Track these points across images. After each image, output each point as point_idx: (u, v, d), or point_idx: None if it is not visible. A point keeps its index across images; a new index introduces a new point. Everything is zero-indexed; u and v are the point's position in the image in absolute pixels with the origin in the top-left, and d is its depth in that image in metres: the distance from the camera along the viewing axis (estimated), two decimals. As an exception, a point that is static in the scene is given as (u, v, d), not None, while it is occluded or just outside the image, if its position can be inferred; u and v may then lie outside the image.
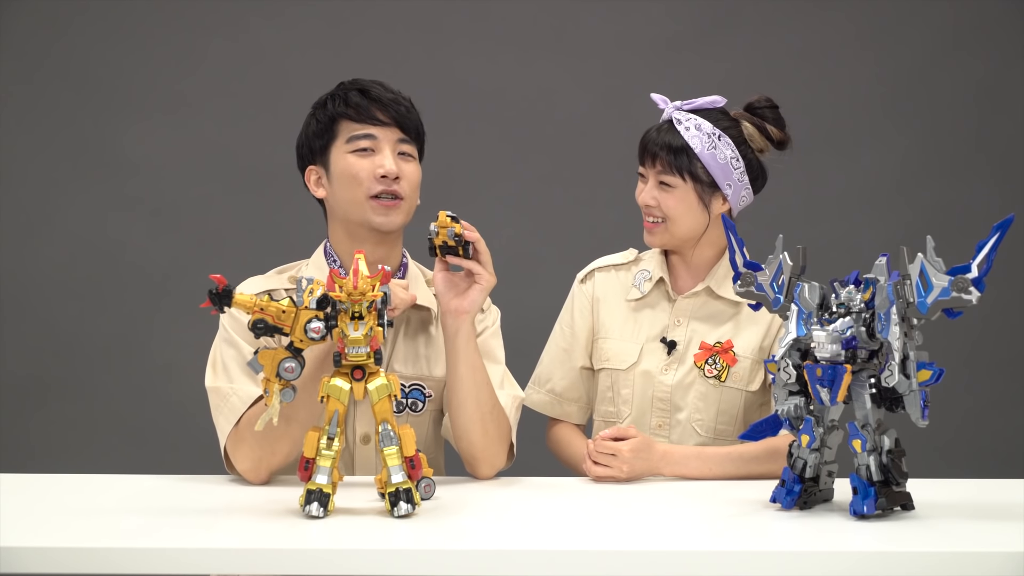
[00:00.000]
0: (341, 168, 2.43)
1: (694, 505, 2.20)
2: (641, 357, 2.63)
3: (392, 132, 2.44)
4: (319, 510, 1.99)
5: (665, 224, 2.60)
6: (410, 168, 2.46)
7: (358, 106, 2.43)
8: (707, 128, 2.57)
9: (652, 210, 2.60)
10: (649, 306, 2.67)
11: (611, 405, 2.65)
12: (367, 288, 1.99)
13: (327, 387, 2.02)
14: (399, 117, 2.44)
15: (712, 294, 2.63)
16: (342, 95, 2.46)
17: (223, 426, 2.32)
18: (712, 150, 2.57)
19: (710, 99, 2.61)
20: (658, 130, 2.60)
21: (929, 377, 1.98)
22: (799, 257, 2.14)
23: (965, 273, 1.96)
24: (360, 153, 2.43)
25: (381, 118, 2.43)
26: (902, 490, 2.05)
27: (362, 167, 2.42)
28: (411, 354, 2.49)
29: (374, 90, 2.45)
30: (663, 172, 2.58)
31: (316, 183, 2.48)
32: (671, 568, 1.82)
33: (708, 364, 2.59)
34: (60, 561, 1.81)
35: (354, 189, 2.42)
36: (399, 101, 2.46)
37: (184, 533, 1.94)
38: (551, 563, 1.82)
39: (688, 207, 2.58)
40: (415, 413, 2.49)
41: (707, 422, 2.59)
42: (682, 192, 2.58)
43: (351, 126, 2.44)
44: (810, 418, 2.09)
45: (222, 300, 1.97)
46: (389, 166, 2.41)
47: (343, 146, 2.44)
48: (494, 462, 2.41)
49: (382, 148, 2.43)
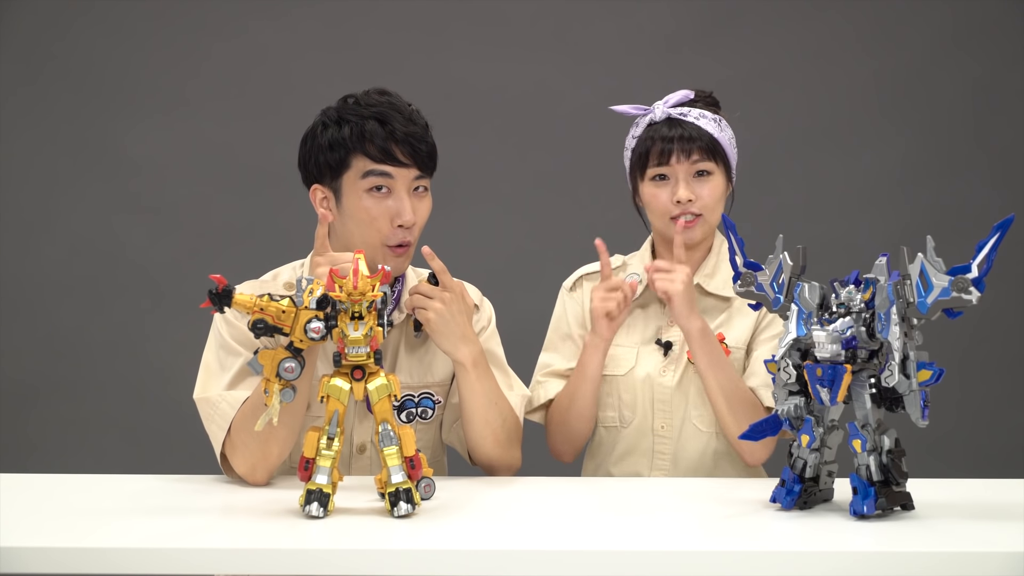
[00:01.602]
0: (355, 207, 2.39)
1: (693, 505, 2.20)
2: (638, 361, 2.63)
3: (409, 172, 2.39)
4: (319, 510, 1.99)
5: (704, 216, 2.60)
6: (423, 205, 2.43)
7: (373, 141, 2.36)
8: (711, 115, 2.59)
9: (690, 206, 2.58)
10: (641, 309, 2.67)
11: (612, 410, 2.64)
12: (367, 288, 1.99)
13: (327, 387, 2.02)
14: (416, 154, 2.38)
15: (702, 291, 2.63)
16: (358, 124, 2.37)
17: (216, 434, 2.32)
18: (722, 133, 2.60)
19: (681, 93, 2.61)
20: (669, 127, 2.59)
21: (929, 377, 1.98)
22: (799, 257, 2.14)
23: (965, 273, 1.96)
24: (376, 193, 2.38)
25: (400, 158, 2.38)
26: (902, 490, 2.05)
27: (380, 212, 2.38)
28: (415, 365, 2.50)
29: (390, 121, 2.37)
30: (700, 161, 2.57)
31: (322, 203, 2.43)
32: (671, 568, 1.82)
33: None
34: (60, 561, 1.81)
35: (370, 234, 2.39)
36: (415, 134, 2.38)
37: (184, 533, 1.94)
38: (551, 563, 1.82)
39: (720, 194, 2.61)
40: (425, 421, 2.50)
41: (707, 417, 2.59)
42: (716, 179, 2.59)
43: (367, 162, 2.38)
44: (810, 418, 2.09)
45: (222, 300, 1.97)
46: (407, 217, 2.38)
47: (357, 181, 2.38)
48: (511, 464, 2.46)
49: (398, 189, 2.39)
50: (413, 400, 2.48)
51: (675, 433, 2.60)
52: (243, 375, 2.34)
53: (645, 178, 2.61)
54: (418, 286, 2.39)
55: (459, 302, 2.37)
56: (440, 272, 2.36)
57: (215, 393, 2.33)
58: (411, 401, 2.48)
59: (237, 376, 2.34)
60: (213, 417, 2.32)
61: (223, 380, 2.34)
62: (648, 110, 2.61)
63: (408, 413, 2.48)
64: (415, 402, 2.48)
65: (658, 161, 2.58)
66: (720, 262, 2.64)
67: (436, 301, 2.35)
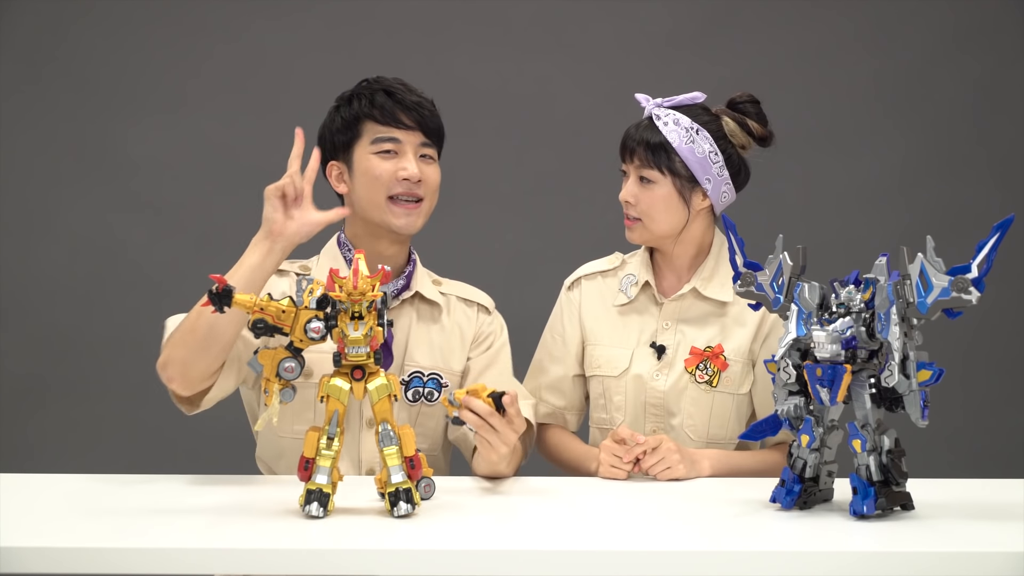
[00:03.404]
0: (364, 168, 2.48)
1: (694, 505, 2.20)
2: (632, 363, 2.62)
3: (415, 136, 2.50)
4: (319, 510, 1.99)
5: (643, 221, 2.59)
6: (431, 170, 2.52)
7: (383, 108, 2.48)
8: (685, 122, 2.56)
9: (630, 207, 2.60)
10: (636, 311, 2.66)
11: (604, 412, 2.64)
12: (367, 288, 1.99)
13: (327, 387, 2.02)
14: (422, 120, 2.50)
15: (698, 295, 2.62)
16: (368, 95, 2.50)
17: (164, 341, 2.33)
18: (690, 144, 2.55)
19: (690, 95, 2.61)
20: (637, 127, 2.60)
21: (929, 377, 1.98)
22: (799, 257, 2.14)
23: (965, 273, 1.96)
24: (384, 155, 2.48)
25: (406, 122, 2.49)
26: (902, 490, 2.05)
27: (385, 169, 2.47)
28: (427, 343, 2.52)
29: (398, 92, 2.50)
30: (642, 167, 2.57)
31: (337, 178, 2.54)
32: (671, 568, 1.82)
33: (699, 370, 2.58)
34: (60, 561, 1.81)
35: (375, 190, 2.47)
36: (422, 104, 2.51)
37: (184, 533, 1.94)
38: (551, 563, 1.83)
39: (667, 203, 2.57)
40: (430, 403, 2.50)
41: (700, 427, 2.58)
42: (661, 187, 2.57)
43: (376, 128, 2.48)
44: (810, 418, 2.09)
45: (222, 300, 1.97)
46: (412, 170, 2.47)
47: (367, 146, 2.49)
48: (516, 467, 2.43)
49: (405, 151, 2.49)
50: (421, 379, 2.50)
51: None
52: None
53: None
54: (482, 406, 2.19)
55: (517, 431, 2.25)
56: (509, 405, 2.21)
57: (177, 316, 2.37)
58: (419, 379, 2.50)
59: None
60: (168, 329, 2.35)
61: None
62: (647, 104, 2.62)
63: (415, 391, 2.50)
64: (423, 381, 2.50)
65: (620, 156, 2.62)
66: (718, 266, 2.63)
67: (503, 445, 2.22)
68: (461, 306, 2.60)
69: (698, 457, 2.47)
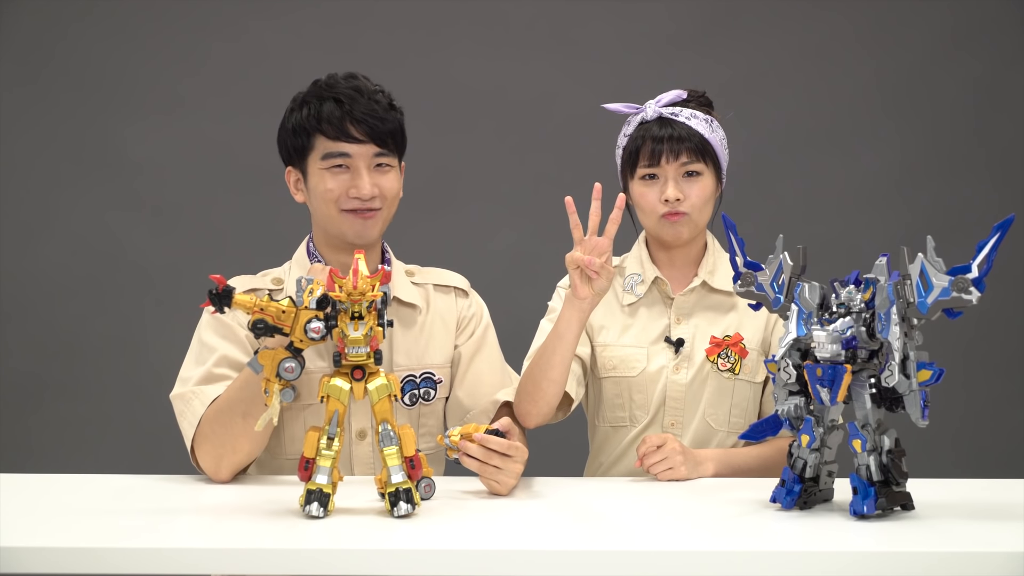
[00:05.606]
0: (315, 182, 2.43)
1: (694, 505, 2.20)
2: (650, 360, 2.63)
3: (367, 147, 2.41)
4: (319, 510, 1.99)
5: (691, 215, 2.59)
6: (387, 180, 2.44)
7: (331, 121, 2.39)
8: (701, 115, 2.58)
9: (679, 204, 2.57)
10: (644, 308, 2.66)
11: (622, 411, 2.64)
12: (367, 288, 1.99)
13: (327, 387, 2.02)
14: (374, 132, 2.40)
15: (708, 287, 2.64)
16: (316, 104, 2.41)
17: (187, 430, 2.34)
18: (713, 134, 2.59)
19: (674, 93, 2.61)
20: (660, 127, 2.59)
21: (929, 377, 1.98)
22: (799, 257, 2.14)
23: (965, 273, 1.96)
24: (335, 170, 2.42)
25: (356, 135, 2.40)
26: (902, 490, 2.05)
27: (336, 185, 2.41)
28: (411, 347, 2.51)
29: (347, 101, 2.40)
30: (690, 162, 2.57)
31: (295, 185, 2.49)
32: (671, 568, 1.82)
33: (721, 358, 2.59)
34: (60, 561, 1.81)
35: (327, 205, 2.43)
36: (375, 112, 2.40)
37: (184, 533, 1.94)
38: (551, 563, 1.82)
39: (709, 195, 2.60)
40: (427, 402, 2.50)
41: (721, 416, 2.59)
42: (707, 179, 2.58)
43: (325, 143, 2.41)
44: (810, 418, 2.09)
45: (222, 300, 1.97)
46: (364, 189, 2.40)
47: (318, 161, 2.42)
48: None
49: (357, 166, 2.41)
50: (415, 381, 2.49)
51: (684, 430, 2.60)
52: (217, 373, 2.36)
53: (635, 177, 2.61)
54: (485, 438, 2.20)
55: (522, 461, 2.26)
56: (507, 429, 2.23)
57: (188, 389, 2.36)
58: (412, 383, 2.49)
59: (210, 373, 2.36)
60: (185, 414, 2.34)
61: (196, 374, 2.37)
62: (640, 109, 2.61)
63: (411, 395, 2.49)
64: (416, 383, 2.49)
65: (648, 161, 2.58)
66: (718, 259, 2.65)
67: (511, 479, 2.22)
68: (438, 295, 2.58)
69: (702, 458, 2.47)
